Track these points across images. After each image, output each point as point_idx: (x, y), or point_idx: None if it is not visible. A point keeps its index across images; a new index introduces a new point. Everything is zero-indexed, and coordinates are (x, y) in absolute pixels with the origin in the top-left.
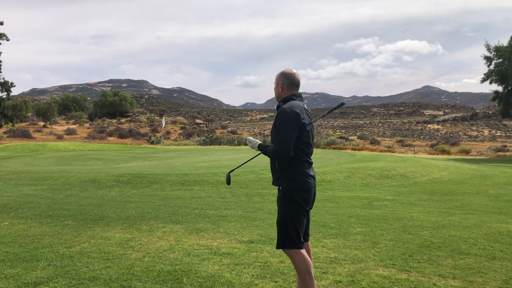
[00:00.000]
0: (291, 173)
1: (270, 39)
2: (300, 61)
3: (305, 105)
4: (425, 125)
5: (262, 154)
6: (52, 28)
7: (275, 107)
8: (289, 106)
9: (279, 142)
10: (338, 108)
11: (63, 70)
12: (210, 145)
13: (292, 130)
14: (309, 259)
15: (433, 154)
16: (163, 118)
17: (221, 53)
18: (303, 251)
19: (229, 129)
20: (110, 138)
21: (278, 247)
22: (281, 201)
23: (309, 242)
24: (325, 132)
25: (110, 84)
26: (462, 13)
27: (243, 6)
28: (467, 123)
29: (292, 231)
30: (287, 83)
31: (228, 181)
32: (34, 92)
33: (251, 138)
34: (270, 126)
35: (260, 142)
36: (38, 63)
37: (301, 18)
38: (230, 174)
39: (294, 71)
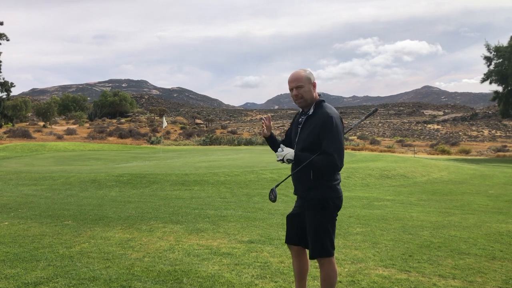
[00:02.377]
0: (329, 183)
1: (271, 39)
2: (301, 61)
3: None
4: (425, 125)
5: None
6: (53, 28)
7: (306, 110)
8: (333, 112)
9: (337, 151)
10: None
11: (64, 70)
12: (210, 145)
13: (343, 138)
14: (337, 269)
15: (433, 154)
16: (164, 118)
17: (222, 53)
18: (334, 259)
19: (229, 129)
20: (110, 138)
21: (312, 257)
22: (316, 212)
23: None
24: None
25: (110, 84)
26: (463, 13)
27: (245, 6)
28: (467, 123)
29: (327, 241)
30: (315, 83)
31: (274, 199)
32: (34, 92)
33: (281, 150)
34: None
35: (284, 152)
36: (39, 63)
37: (302, 18)
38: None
39: None
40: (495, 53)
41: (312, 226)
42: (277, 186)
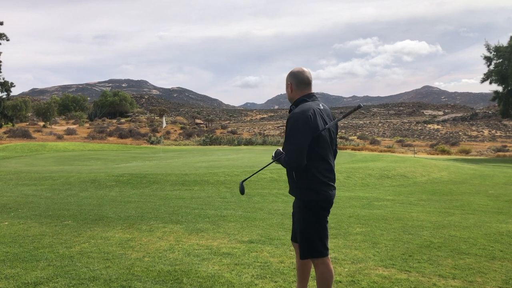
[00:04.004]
0: (311, 183)
1: (272, 39)
2: (302, 61)
3: (320, 105)
4: (425, 125)
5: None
6: (55, 28)
7: (288, 110)
8: (300, 110)
9: (289, 150)
10: (356, 111)
11: (64, 70)
12: (210, 145)
13: (302, 137)
14: (332, 269)
15: (433, 154)
16: (164, 118)
17: (223, 53)
18: (328, 259)
19: (229, 129)
20: (110, 138)
21: (302, 258)
22: (301, 212)
23: None
24: None
25: (110, 84)
26: (464, 12)
27: (246, 6)
28: (467, 123)
29: (316, 241)
30: (296, 83)
31: (242, 191)
32: (34, 92)
33: (278, 150)
34: (270, 126)
35: (281, 150)
36: (40, 63)
37: (304, 18)
38: (244, 183)
39: (304, 68)
40: (495, 53)
41: (299, 226)
42: (244, 180)
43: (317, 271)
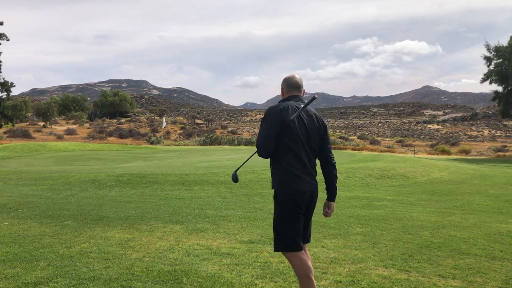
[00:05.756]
0: (281, 175)
1: (272, 39)
2: (302, 61)
3: (300, 104)
4: (425, 125)
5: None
6: (55, 28)
7: None
8: (274, 105)
9: (258, 139)
10: (312, 102)
11: (64, 70)
12: (210, 145)
13: (269, 126)
14: (307, 262)
15: (433, 154)
16: (164, 118)
17: (223, 53)
18: (301, 254)
19: (229, 129)
20: (110, 138)
21: (274, 250)
22: (274, 203)
23: (305, 245)
24: None
25: (110, 84)
26: (465, 12)
27: (246, 6)
28: (467, 123)
29: (285, 234)
30: (286, 87)
31: (236, 179)
32: (34, 92)
33: None
34: None
35: None
36: (40, 63)
37: (304, 18)
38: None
39: (295, 74)
40: (495, 53)
41: (273, 216)
42: (237, 170)
43: (291, 264)
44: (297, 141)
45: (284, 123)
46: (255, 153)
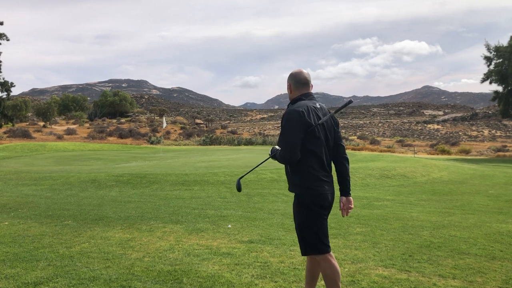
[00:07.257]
0: (304, 179)
1: (273, 39)
2: (303, 61)
3: (317, 104)
4: (425, 125)
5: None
6: (55, 28)
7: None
8: (293, 107)
9: (283, 145)
10: (346, 106)
11: (65, 70)
12: (210, 145)
13: (295, 132)
14: (336, 267)
15: (433, 154)
16: (164, 118)
17: (223, 53)
18: (330, 257)
19: (229, 129)
20: (110, 138)
21: (302, 254)
22: (296, 208)
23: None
24: None
25: (110, 84)
26: (467, 12)
27: (247, 6)
28: (467, 123)
29: (312, 237)
30: (294, 83)
31: (239, 188)
32: (34, 92)
33: (274, 147)
34: (270, 126)
35: (277, 148)
36: (40, 63)
37: (305, 18)
38: (240, 180)
39: (302, 69)
40: (495, 53)
41: (296, 222)
42: (241, 177)
43: (321, 268)
44: (319, 144)
45: (309, 128)
46: (266, 160)
